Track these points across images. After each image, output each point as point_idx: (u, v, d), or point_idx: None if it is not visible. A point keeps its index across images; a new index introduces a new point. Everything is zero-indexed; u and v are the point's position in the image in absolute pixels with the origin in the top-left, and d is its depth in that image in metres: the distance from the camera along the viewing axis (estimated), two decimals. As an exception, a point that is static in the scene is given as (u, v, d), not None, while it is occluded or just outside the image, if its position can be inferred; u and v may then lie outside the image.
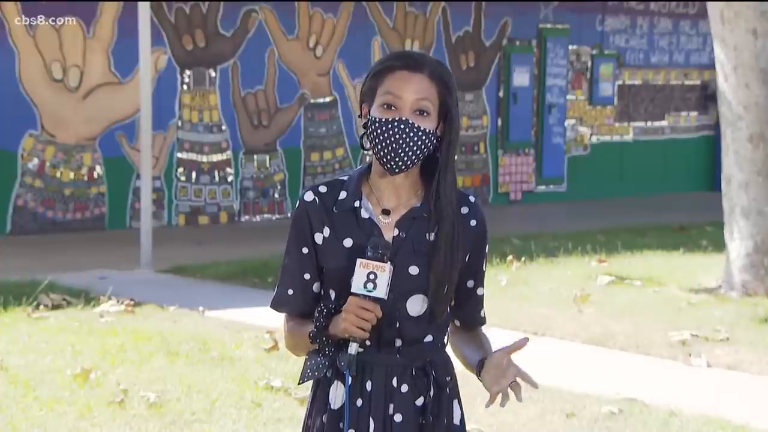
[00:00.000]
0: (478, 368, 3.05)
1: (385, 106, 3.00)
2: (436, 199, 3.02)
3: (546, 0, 17.54)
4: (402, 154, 2.98)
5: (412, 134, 2.97)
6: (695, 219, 14.97)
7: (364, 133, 3.07)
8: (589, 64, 18.21)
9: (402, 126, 2.97)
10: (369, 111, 3.05)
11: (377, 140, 2.99)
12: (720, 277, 10.44)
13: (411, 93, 2.99)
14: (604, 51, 18.32)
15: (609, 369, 7.80)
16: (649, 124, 19.11)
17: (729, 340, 8.32)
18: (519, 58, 17.32)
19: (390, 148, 2.98)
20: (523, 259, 11.27)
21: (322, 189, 3.09)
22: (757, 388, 7.40)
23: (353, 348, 2.94)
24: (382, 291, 2.90)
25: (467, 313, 3.16)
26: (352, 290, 2.91)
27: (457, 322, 3.18)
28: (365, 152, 3.21)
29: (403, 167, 3.00)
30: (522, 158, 17.59)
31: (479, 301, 3.17)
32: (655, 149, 19.13)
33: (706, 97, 19.50)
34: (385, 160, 2.99)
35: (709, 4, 10.52)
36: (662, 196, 18.49)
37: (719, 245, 11.31)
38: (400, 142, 2.97)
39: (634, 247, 12.49)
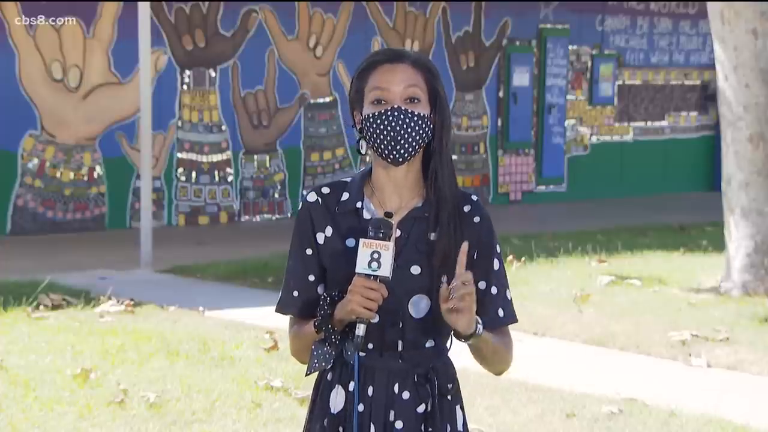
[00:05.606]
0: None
1: (376, 102, 2.98)
2: (435, 187, 2.99)
3: (546, 0, 17.54)
4: (402, 141, 2.95)
5: (408, 120, 2.95)
6: (695, 219, 14.98)
7: (360, 137, 3.03)
8: (589, 64, 18.20)
9: (397, 114, 2.95)
10: (362, 115, 3.03)
11: (375, 134, 2.97)
12: (720, 277, 10.44)
13: (398, 83, 2.97)
14: (604, 51, 18.31)
15: (609, 369, 7.80)
16: (649, 124, 19.10)
17: (729, 340, 8.32)
18: (519, 58, 17.32)
19: (389, 138, 2.95)
20: (523, 259, 11.27)
21: (325, 190, 3.07)
22: (757, 388, 7.40)
23: (361, 329, 2.92)
24: (386, 270, 2.88)
25: (484, 313, 3.00)
26: (357, 270, 2.88)
27: None
28: (363, 155, 3.16)
29: (406, 155, 2.97)
30: (522, 158, 17.58)
31: (494, 300, 3.05)
32: (655, 149, 19.12)
33: (706, 97, 19.49)
34: (386, 152, 2.97)
35: (709, 4, 10.52)
36: (662, 196, 18.48)
37: (719, 245, 11.31)
38: (398, 129, 2.95)
39: (634, 247, 12.49)
